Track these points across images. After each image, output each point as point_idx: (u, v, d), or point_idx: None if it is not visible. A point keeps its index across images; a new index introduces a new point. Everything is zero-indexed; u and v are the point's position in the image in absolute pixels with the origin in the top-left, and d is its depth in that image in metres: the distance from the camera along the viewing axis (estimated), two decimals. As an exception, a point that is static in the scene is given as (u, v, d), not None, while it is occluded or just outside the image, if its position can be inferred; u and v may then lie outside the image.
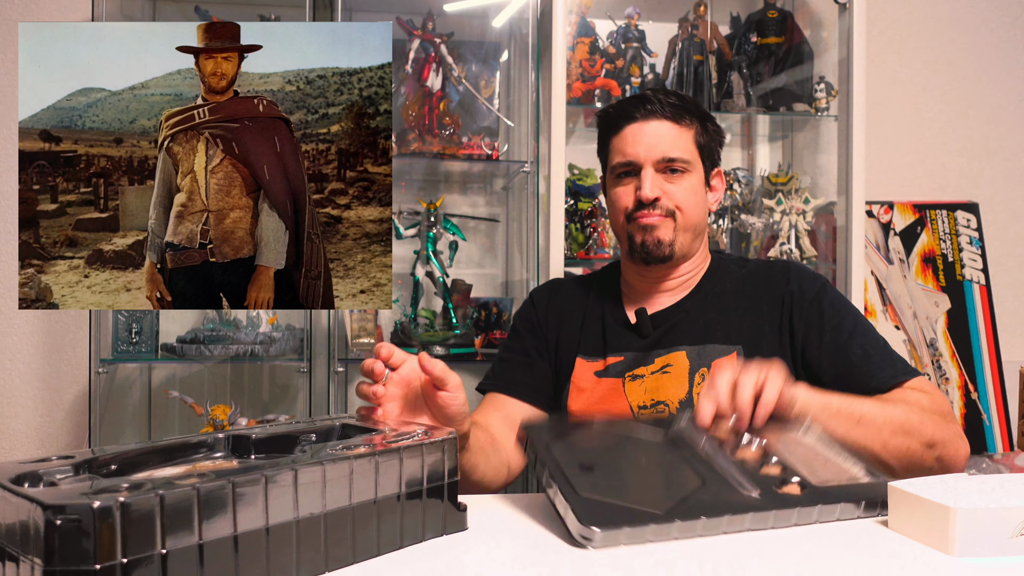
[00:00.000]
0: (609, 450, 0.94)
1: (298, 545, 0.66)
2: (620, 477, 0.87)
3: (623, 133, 1.29)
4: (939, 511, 0.74)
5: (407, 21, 2.07)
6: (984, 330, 2.29)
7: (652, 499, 0.81)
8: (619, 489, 0.83)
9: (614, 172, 1.31)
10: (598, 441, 0.97)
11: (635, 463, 0.92)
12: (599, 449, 0.94)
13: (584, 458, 0.89)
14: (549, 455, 0.87)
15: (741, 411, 0.94)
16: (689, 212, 1.27)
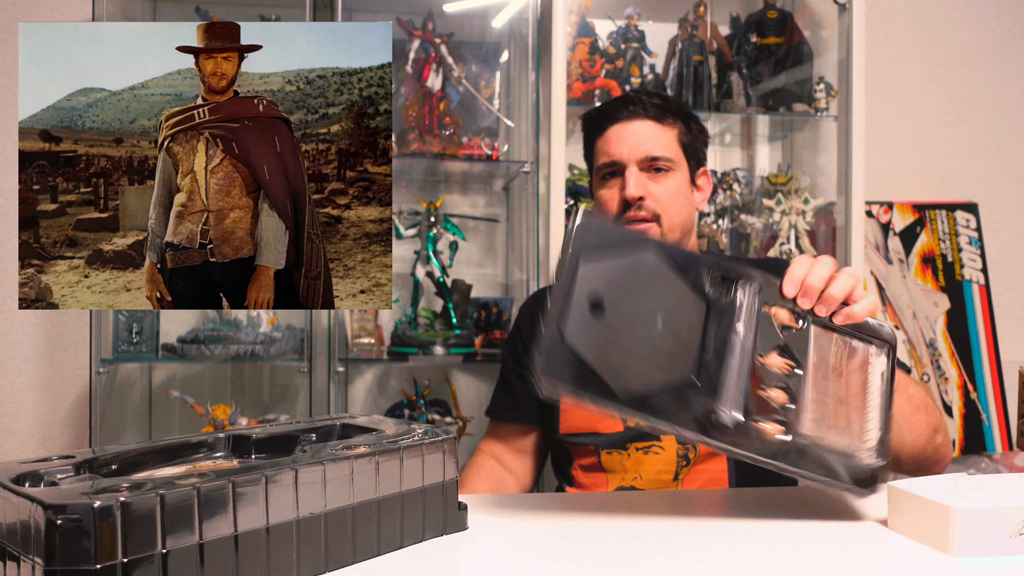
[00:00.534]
0: (636, 293, 0.82)
1: (298, 545, 0.66)
2: (619, 333, 0.80)
3: (607, 134, 1.30)
4: (939, 511, 0.74)
5: (407, 21, 2.07)
6: (983, 330, 2.29)
7: (629, 376, 0.78)
8: (606, 347, 0.78)
9: (599, 174, 1.32)
10: (633, 277, 0.83)
11: (649, 322, 0.81)
12: (628, 287, 0.82)
13: (604, 290, 0.80)
14: (571, 268, 0.79)
15: (830, 297, 0.84)
16: (674, 214, 1.28)
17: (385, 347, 2.08)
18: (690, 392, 0.80)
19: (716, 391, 0.81)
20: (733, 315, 0.84)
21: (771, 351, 0.84)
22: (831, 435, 0.82)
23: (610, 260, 0.82)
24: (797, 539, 0.80)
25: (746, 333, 0.84)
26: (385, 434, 0.78)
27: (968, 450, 2.24)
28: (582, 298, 0.78)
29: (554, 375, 0.74)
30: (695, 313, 0.83)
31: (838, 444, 0.82)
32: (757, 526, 0.83)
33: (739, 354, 0.83)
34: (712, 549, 0.76)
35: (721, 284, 0.86)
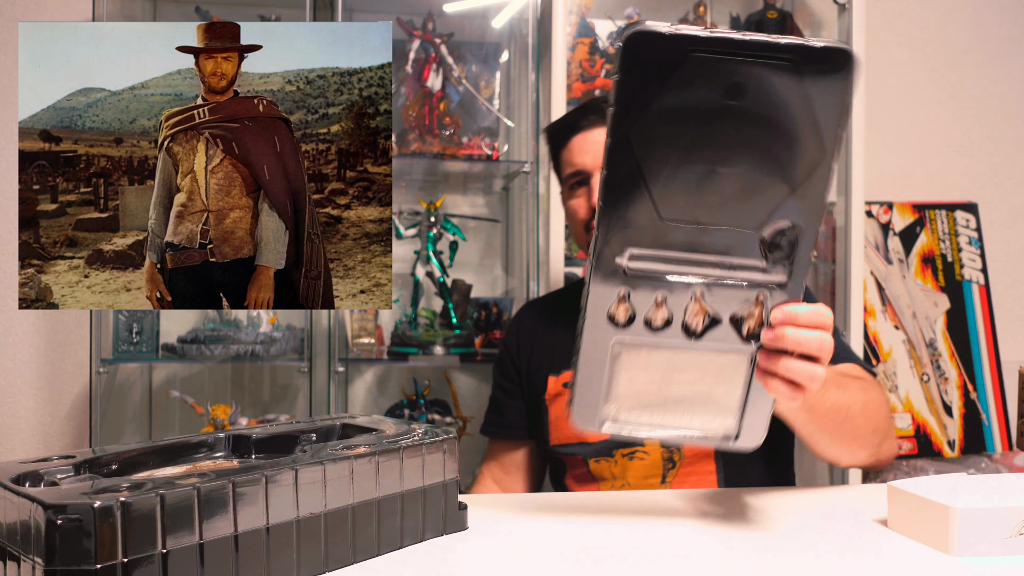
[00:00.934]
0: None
1: (298, 545, 0.66)
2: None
3: (570, 145, 1.30)
4: (939, 511, 0.74)
5: (407, 21, 2.07)
6: (983, 330, 2.29)
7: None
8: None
9: (567, 184, 1.33)
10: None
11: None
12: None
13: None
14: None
15: (781, 337, 0.72)
16: None
17: (385, 347, 2.08)
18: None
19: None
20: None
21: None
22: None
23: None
24: (797, 539, 0.80)
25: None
26: (385, 434, 0.78)
27: (968, 450, 2.24)
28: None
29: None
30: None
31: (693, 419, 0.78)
32: (757, 526, 0.84)
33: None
34: (712, 549, 0.76)
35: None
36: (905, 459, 2.22)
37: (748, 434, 0.77)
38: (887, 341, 2.25)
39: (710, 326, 0.73)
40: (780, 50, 0.65)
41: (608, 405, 0.76)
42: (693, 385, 0.75)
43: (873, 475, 2.20)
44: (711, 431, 0.77)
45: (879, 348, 2.24)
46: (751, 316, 0.73)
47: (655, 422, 0.76)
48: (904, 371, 2.24)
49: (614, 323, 0.73)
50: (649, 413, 0.76)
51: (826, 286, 2.18)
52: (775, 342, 0.72)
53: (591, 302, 0.72)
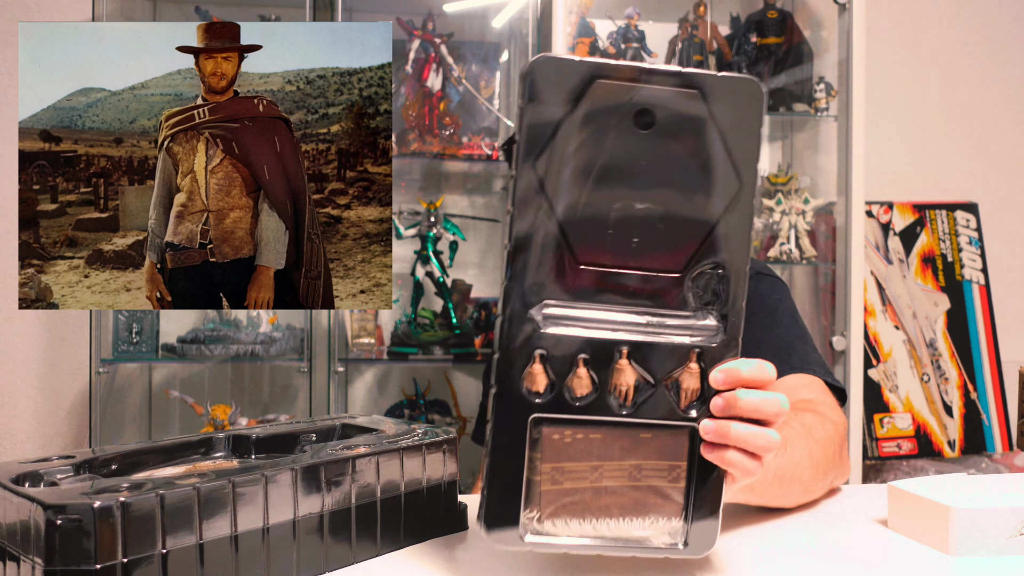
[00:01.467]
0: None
1: (298, 545, 0.66)
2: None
3: None
4: (939, 511, 0.74)
5: (407, 21, 2.07)
6: (983, 330, 2.29)
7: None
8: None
9: None
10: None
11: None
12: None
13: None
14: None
15: (731, 404, 0.64)
16: None
17: (385, 347, 2.08)
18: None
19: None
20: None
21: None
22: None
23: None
24: (797, 539, 0.80)
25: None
26: (385, 434, 0.78)
27: (968, 450, 2.24)
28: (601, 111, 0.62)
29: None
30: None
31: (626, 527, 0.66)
32: (757, 525, 0.83)
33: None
34: (713, 549, 0.76)
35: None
36: (905, 459, 2.22)
37: (698, 537, 0.65)
38: (887, 341, 2.25)
39: (642, 392, 0.64)
40: (685, 80, 0.63)
41: (528, 510, 0.64)
42: (629, 476, 0.64)
43: (873, 475, 2.20)
44: (654, 538, 0.65)
45: (879, 348, 2.24)
46: (688, 378, 0.64)
47: (587, 533, 0.64)
48: (904, 371, 2.24)
49: (531, 394, 0.63)
50: (579, 520, 0.64)
51: (826, 286, 2.18)
52: (727, 409, 0.63)
53: (500, 368, 0.63)
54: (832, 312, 2.11)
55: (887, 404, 2.22)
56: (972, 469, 2.20)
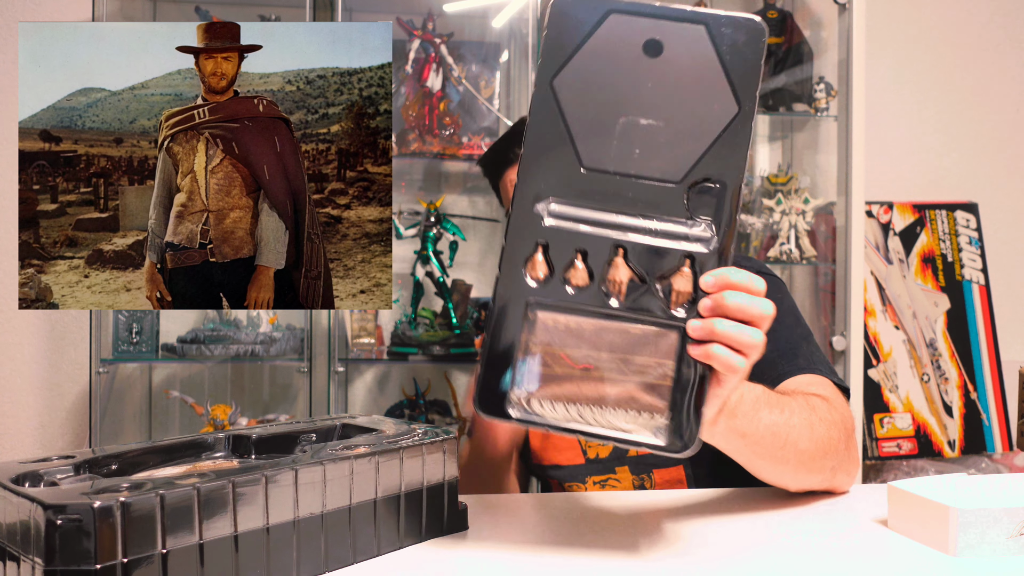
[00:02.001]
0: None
1: (298, 545, 0.66)
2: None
3: (505, 179, 1.28)
4: (939, 511, 0.74)
5: (407, 21, 2.07)
6: (983, 330, 2.29)
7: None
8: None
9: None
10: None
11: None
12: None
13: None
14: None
15: (717, 305, 0.67)
16: None
17: (385, 347, 2.08)
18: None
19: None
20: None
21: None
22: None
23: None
24: (797, 539, 0.80)
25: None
26: (385, 434, 0.78)
27: (968, 450, 2.24)
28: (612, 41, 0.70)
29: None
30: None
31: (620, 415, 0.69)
32: (757, 525, 0.83)
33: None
34: (713, 549, 0.76)
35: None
36: (905, 459, 2.22)
37: (680, 436, 0.66)
38: (887, 341, 2.25)
39: (635, 290, 0.68)
40: (693, 16, 0.69)
41: (518, 388, 0.68)
42: (617, 369, 0.67)
43: (873, 475, 2.20)
44: (637, 432, 0.67)
45: (879, 348, 2.24)
46: (680, 281, 0.67)
47: (571, 416, 0.68)
48: (904, 371, 2.24)
49: (530, 279, 0.68)
50: (564, 404, 0.67)
51: (826, 286, 2.18)
52: (715, 309, 0.66)
53: (507, 254, 0.68)
54: (832, 312, 2.11)
55: (887, 404, 2.22)
56: (972, 469, 2.20)
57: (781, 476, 0.88)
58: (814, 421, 0.88)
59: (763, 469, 0.87)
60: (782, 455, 0.84)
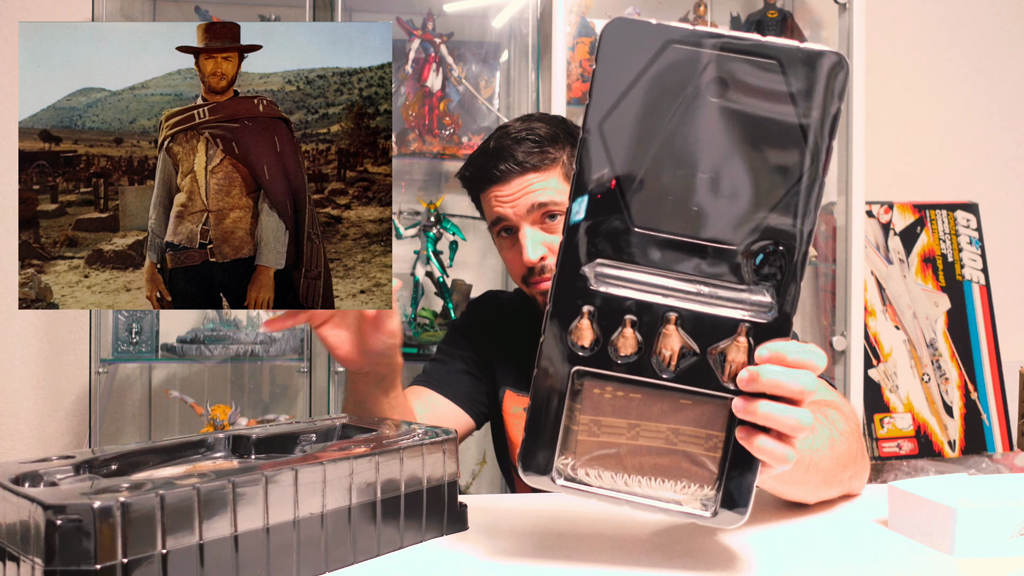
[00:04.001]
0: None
1: (298, 545, 0.66)
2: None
3: (488, 195, 1.20)
4: (939, 511, 0.74)
5: (407, 21, 2.07)
6: (984, 330, 2.29)
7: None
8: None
9: (494, 229, 1.22)
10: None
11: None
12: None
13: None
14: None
15: (760, 379, 0.62)
16: None
17: (385, 347, 2.08)
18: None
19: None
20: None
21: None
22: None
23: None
24: (797, 539, 0.80)
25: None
26: (385, 434, 0.78)
27: (968, 450, 2.24)
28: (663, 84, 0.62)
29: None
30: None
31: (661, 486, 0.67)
32: (757, 525, 0.83)
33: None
34: (713, 548, 0.76)
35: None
36: (905, 459, 2.21)
37: (729, 508, 0.65)
38: (887, 341, 2.25)
39: (687, 359, 0.64)
40: (767, 51, 0.62)
41: (564, 456, 0.65)
42: (666, 439, 0.65)
43: (873, 475, 2.20)
44: (685, 502, 0.65)
45: (879, 348, 2.24)
46: (734, 351, 0.63)
47: (618, 487, 0.65)
48: (904, 371, 2.24)
49: (576, 347, 0.64)
50: (612, 474, 0.65)
51: (826, 286, 2.17)
52: (750, 383, 0.62)
53: (552, 317, 0.64)
54: (832, 312, 2.11)
55: (887, 404, 2.22)
56: (972, 469, 2.20)
57: (803, 495, 0.87)
58: (835, 437, 0.86)
59: (785, 492, 0.85)
60: (806, 478, 0.83)
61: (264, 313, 2.00)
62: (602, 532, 0.81)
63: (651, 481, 0.65)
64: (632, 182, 0.63)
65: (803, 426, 0.62)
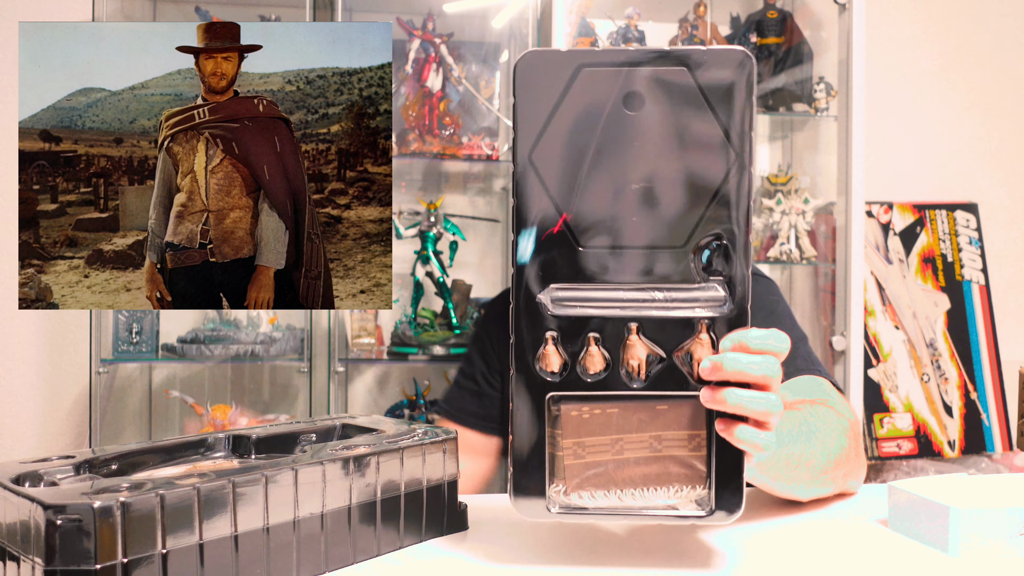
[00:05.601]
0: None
1: (298, 545, 0.66)
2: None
3: None
4: (939, 511, 0.74)
5: (407, 21, 2.07)
6: (984, 330, 2.29)
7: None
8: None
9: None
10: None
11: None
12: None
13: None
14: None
15: (723, 367, 0.63)
16: None
17: (385, 347, 2.08)
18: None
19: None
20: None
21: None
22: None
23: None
24: (797, 539, 0.80)
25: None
26: (385, 434, 0.78)
27: (968, 450, 2.24)
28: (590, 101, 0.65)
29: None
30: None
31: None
32: (757, 525, 0.83)
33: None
34: (712, 549, 0.76)
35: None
36: (905, 459, 2.22)
37: (724, 504, 0.65)
38: (887, 341, 2.25)
39: (655, 365, 0.65)
40: (670, 58, 0.64)
41: (554, 484, 0.66)
42: (650, 448, 0.65)
43: (873, 475, 2.20)
44: (681, 506, 0.65)
45: (879, 348, 2.24)
46: (699, 349, 0.64)
47: (613, 504, 0.66)
48: (904, 371, 2.24)
49: (545, 373, 0.65)
50: (604, 492, 0.66)
51: (826, 286, 2.18)
52: (713, 372, 0.63)
53: (517, 350, 0.65)
54: (832, 312, 2.11)
55: (887, 404, 2.22)
56: (972, 469, 2.20)
57: (795, 492, 0.87)
58: (826, 435, 0.87)
59: (776, 488, 0.86)
60: (797, 475, 0.83)
61: (264, 313, 2.00)
62: (602, 532, 0.81)
63: (643, 491, 0.66)
64: (569, 204, 0.65)
65: (773, 411, 0.63)
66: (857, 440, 0.94)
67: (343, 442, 0.75)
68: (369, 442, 0.75)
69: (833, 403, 0.97)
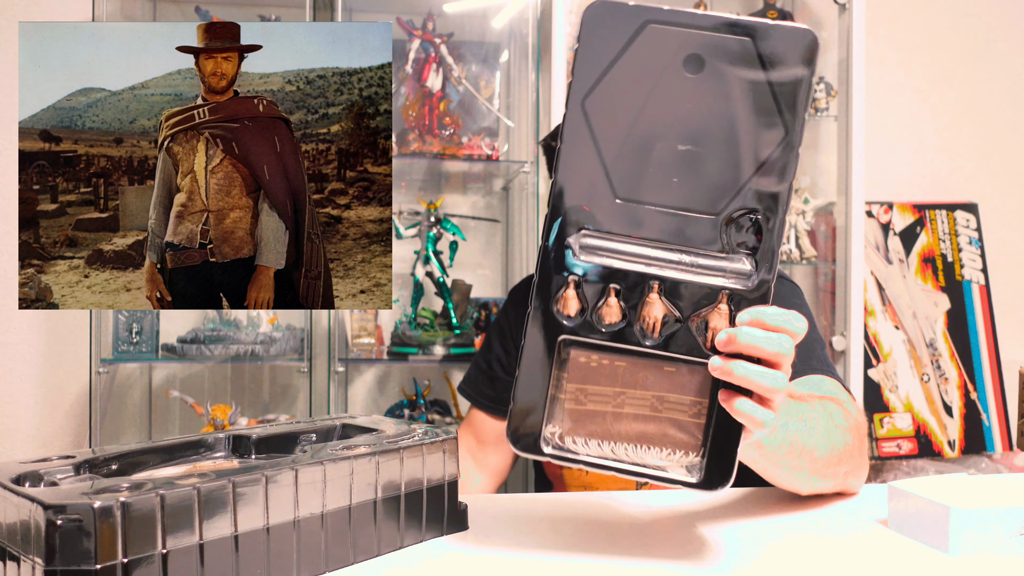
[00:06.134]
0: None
1: (298, 545, 0.66)
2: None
3: None
4: (938, 511, 0.74)
5: (407, 21, 2.07)
6: (984, 330, 2.29)
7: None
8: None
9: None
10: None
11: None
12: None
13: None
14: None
15: (736, 341, 0.64)
16: None
17: (385, 347, 2.08)
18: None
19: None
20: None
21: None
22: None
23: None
24: (797, 539, 0.80)
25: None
26: (385, 434, 0.78)
27: (968, 450, 2.24)
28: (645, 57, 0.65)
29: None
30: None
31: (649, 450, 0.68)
32: (757, 525, 0.84)
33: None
34: (713, 548, 0.76)
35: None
36: (905, 459, 2.22)
37: (714, 474, 0.65)
38: (887, 341, 2.25)
39: (670, 327, 0.65)
40: (741, 28, 0.65)
41: (551, 424, 0.67)
42: (651, 407, 0.66)
43: (873, 475, 2.20)
44: (670, 469, 0.66)
45: (879, 348, 2.24)
46: (716, 318, 0.65)
47: (604, 454, 0.67)
48: (904, 371, 2.24)
49: (562, 316, 0.66)
50: (598, 441, 0.67)
51: (826, 286, 2.18)
52: (728, 344, 0.63)
53: (538, 288, 0.66)
54: (832, 312, 2.11)
55: (887, 404, 2.22)
56: (972, 469, 2.20)
57: (795, 482, 0.88)
58: (831, 428, 0.87)
59: (778, 476, 0.86)
60: (798, 463, 0.83)
61: (264, 313, 2.00)
62: (602, 532, 0.81)
63: (637, 448, 0.67)
64: (614, 154, 0.66)
65: (778, 388, 0.64)
66: (862, 440, 0.94)
67: (343, 442, 0.75)
68: (369, 442, 0.75)
69: (843, 402, 0.97)
